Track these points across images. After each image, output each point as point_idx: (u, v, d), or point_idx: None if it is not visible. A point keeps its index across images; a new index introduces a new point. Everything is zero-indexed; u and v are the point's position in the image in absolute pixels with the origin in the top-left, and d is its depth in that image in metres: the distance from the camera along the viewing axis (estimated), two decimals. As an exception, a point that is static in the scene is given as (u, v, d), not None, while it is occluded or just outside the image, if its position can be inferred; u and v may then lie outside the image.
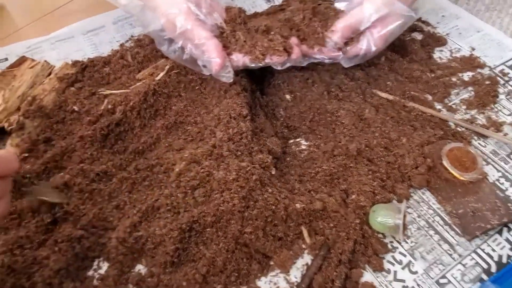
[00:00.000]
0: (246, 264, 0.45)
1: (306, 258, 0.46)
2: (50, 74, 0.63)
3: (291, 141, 0.57)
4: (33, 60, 0.64)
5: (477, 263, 0.46)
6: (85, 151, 0.53)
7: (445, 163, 0.51)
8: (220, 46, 0.53)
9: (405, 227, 0.47)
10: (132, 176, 0.51)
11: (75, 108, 0.57)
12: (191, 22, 0.52)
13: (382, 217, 0.46)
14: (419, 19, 0.75)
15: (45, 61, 0.64)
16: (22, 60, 0.64)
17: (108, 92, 0.59)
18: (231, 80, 0.54)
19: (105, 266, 0.46)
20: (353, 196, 0.48)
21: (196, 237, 0.46)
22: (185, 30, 0.52)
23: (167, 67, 0.59)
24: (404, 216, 0.46)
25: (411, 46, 0.68)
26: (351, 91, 0.59)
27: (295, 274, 0.45)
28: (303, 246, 0.47)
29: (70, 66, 0.64)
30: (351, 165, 0.52)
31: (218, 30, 0.55)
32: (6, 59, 0.70)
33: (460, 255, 0.47)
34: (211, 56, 0.52)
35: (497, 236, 0.48)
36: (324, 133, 0.56)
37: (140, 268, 0.46)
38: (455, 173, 0.50)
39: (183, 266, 0.45)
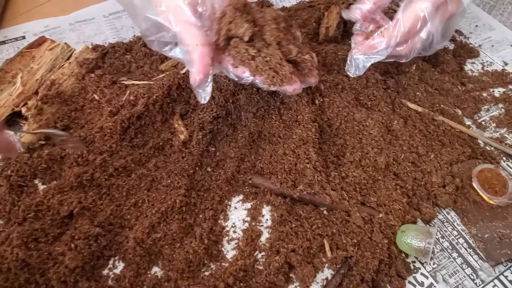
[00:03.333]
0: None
1: (326, 273, 0.45)
2: (70, 57, 0.61)
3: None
4: (53, 41, 0.61)
5: (500, 290, 0.45)
6: (104, 143, 0.51)
7: (475, 184, 0.49)
8: (206, 58, 0.43)
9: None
10: (152, 174, 0.50)
11: (96, 96, 0.55)
12: (180, 23, 0.43)
13: (411, 239, 0.44)
14: (452, 28, 0.72)
15: (66, 43, 0.61)
16: (41, 40, 0.61)
17: (130, 82, 0.57)
18: (205, 102, 0.45)
19: (120, 265, 0.45)
20: (381, 215, 0.47)
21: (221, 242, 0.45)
22: (174, 32, 0.43)
23: (193, 60, 0.56)
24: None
25: (443, 56, 0.65)
26: (380, 100, 0.57)
27: (314, 288, 0.44)
28: (324, 259, 0.46)
29: (91, 50, 0.62)
30: (379, 177, 0.50)
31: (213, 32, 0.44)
32: (24, 37, 0.67)
33: (482, 281, 0.46)
34: (193, 66, 0.43)
35: (522, 263, 0.47)
36: (350, 142, 0.54)
37: (156, 270, 0.44)
38: (484, 196, 0.49)
39: (200, 273, 0.44)
